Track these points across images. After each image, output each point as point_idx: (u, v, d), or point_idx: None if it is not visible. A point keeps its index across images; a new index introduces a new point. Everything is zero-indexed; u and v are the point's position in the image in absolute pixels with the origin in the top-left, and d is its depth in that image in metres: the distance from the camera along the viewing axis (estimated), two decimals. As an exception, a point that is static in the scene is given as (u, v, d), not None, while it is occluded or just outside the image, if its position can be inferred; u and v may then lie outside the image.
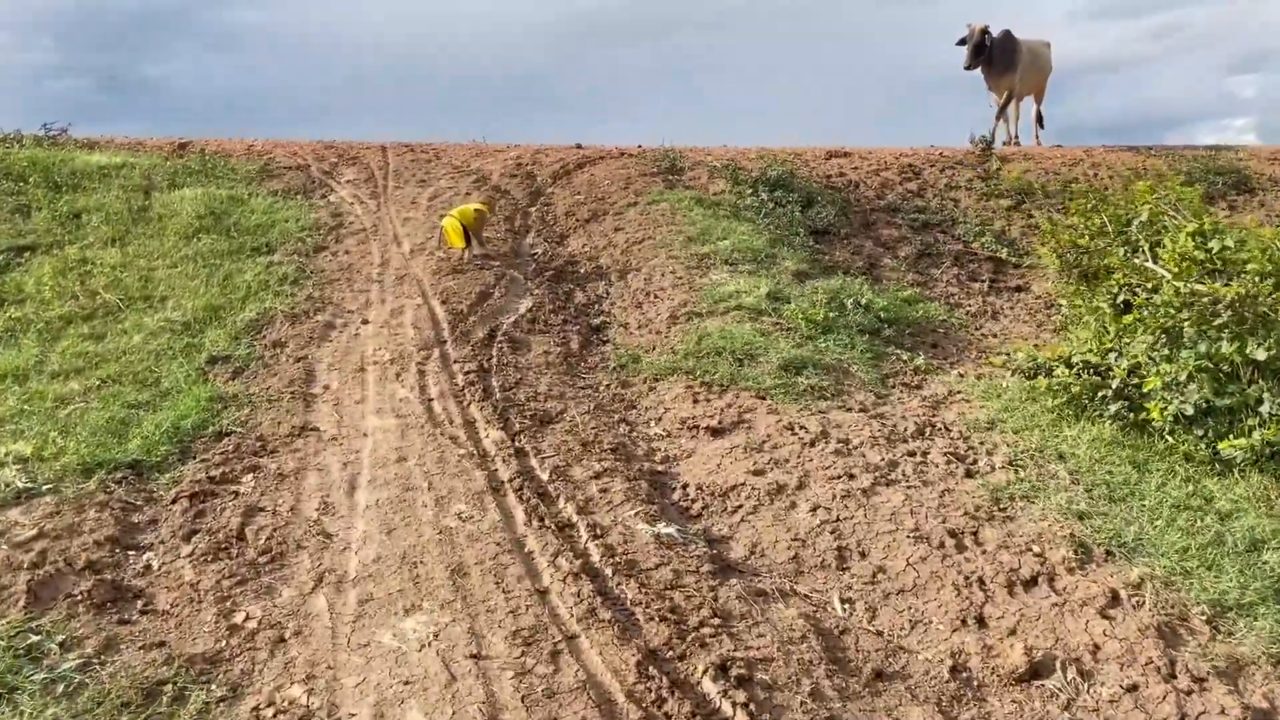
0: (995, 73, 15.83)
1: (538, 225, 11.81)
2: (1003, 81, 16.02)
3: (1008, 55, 15.70)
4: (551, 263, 10.60)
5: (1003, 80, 15.98)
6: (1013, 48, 15.73)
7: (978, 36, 15.45)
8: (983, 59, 15.57)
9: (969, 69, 15.59)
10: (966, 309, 10.94)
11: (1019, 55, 15.84)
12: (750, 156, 14.73)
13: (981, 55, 15.53)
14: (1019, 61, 15.83)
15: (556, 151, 15.08)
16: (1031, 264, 12.21)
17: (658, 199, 12.34)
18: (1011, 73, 15.85)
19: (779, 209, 12.37)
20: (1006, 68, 15.77)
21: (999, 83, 16.04)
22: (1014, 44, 15.75)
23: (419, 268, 10.01)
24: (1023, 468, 6.41)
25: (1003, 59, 15.67)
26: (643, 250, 10.77)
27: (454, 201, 12.34)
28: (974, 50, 15.47)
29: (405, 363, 7.82)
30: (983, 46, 15.46)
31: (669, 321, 8.96)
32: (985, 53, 15.51)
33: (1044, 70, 16.75)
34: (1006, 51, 15.68)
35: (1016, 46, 15.79)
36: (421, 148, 15.05)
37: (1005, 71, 15.81)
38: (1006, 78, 15.92)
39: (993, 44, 15.50)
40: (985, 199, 13.60)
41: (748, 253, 10.50)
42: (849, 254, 11.72)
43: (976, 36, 15.44)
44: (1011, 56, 15.73)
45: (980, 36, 15.44)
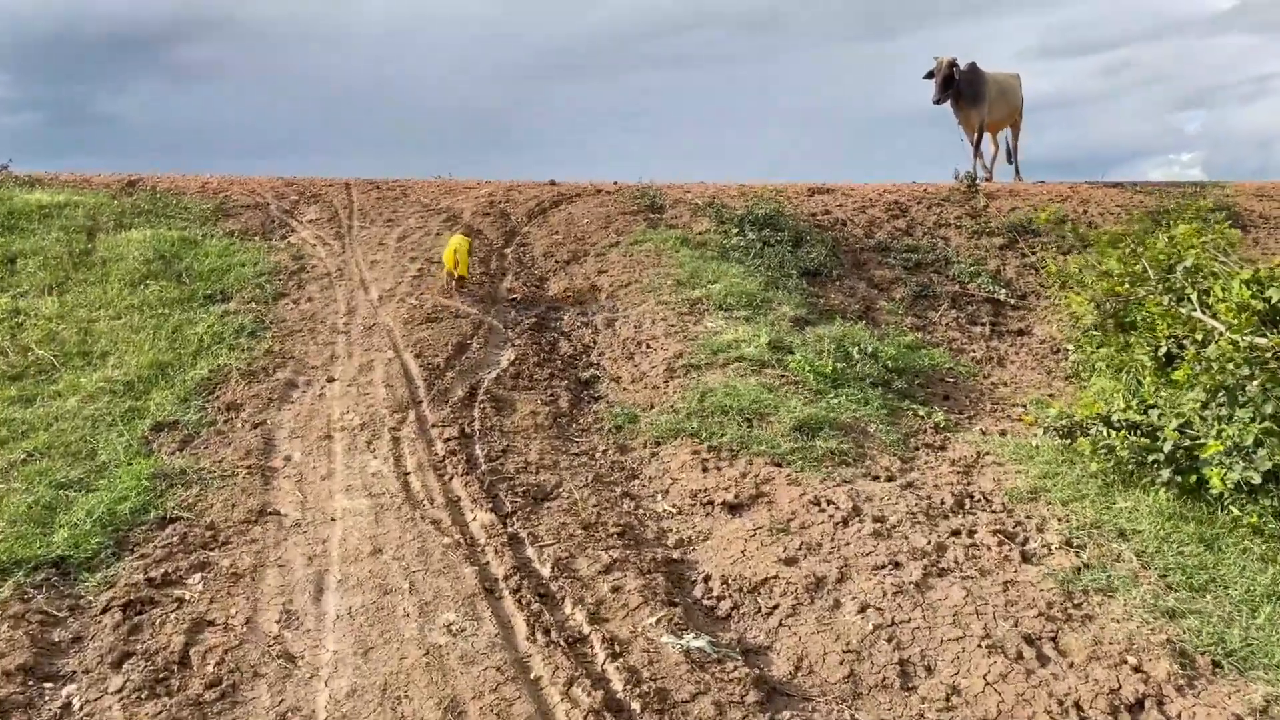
0: (964, 106, 15.22)
1: (515, 268, 10.90)
2: (972, 115, 15.39)
3: (975, 88, 15.12)
4: (532, 309, 9.69)
5: (972, 114, 15.36)
6: (980, 80, 15.15)
7: (945, 69, 14.83)
8: (951, 92, 14.95)
9: (938, 103, 14.95)
10: (971, 354, 10.19)
11: (986, 88, 15.26)
12: (731, 194, 13.96)
13: (950, 89, 14.91)
14: (986, 94, 15.24)
15: (530, 188, 14.20)
16: (1031, 306, 11.53)
17: (641, 239, 11.50)
18: (980, 106, 15.24)
19: (768, 249, 11.58)
20: (974, 101, 15.17)
21: (968, 116, 15.41)
22: (981, 76, 15.18)
23: (389, 316, 9.05)
24: (1082, 548, 5.59)
25: (970, 92, 15.09)
26: (630, 295, 9.90)
27: (424, 241, 11.41)
28: (942, 84, 14.85)
29: (377, 428, 6.86)
30: (951, 79, 14.85)
31: (665, 375, 8.08)
32: (953, 86, 14.90)
33: (1014, 102, 16.15)
34: (974, 84, 15.11)
35: (983, 79, 15.21)
36: (388, 184, 14.10)
37: (974, 105, 15.20)
38: (975, 111, 15.30)
39: (960, 77, 14.91)
40: (976, 237, 12.92)
41: (741, 297, 9.67)
42: (844, 296, 10.95)
43: (944, 69, 14.83)
44: (979, 89, 15.14)
45: (948, 69, 14.83)
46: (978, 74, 15.22)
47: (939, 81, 14.86)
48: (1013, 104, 16.11)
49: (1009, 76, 16.17)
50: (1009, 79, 16.11)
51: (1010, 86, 16.04)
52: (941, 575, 5.17)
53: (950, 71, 14.86)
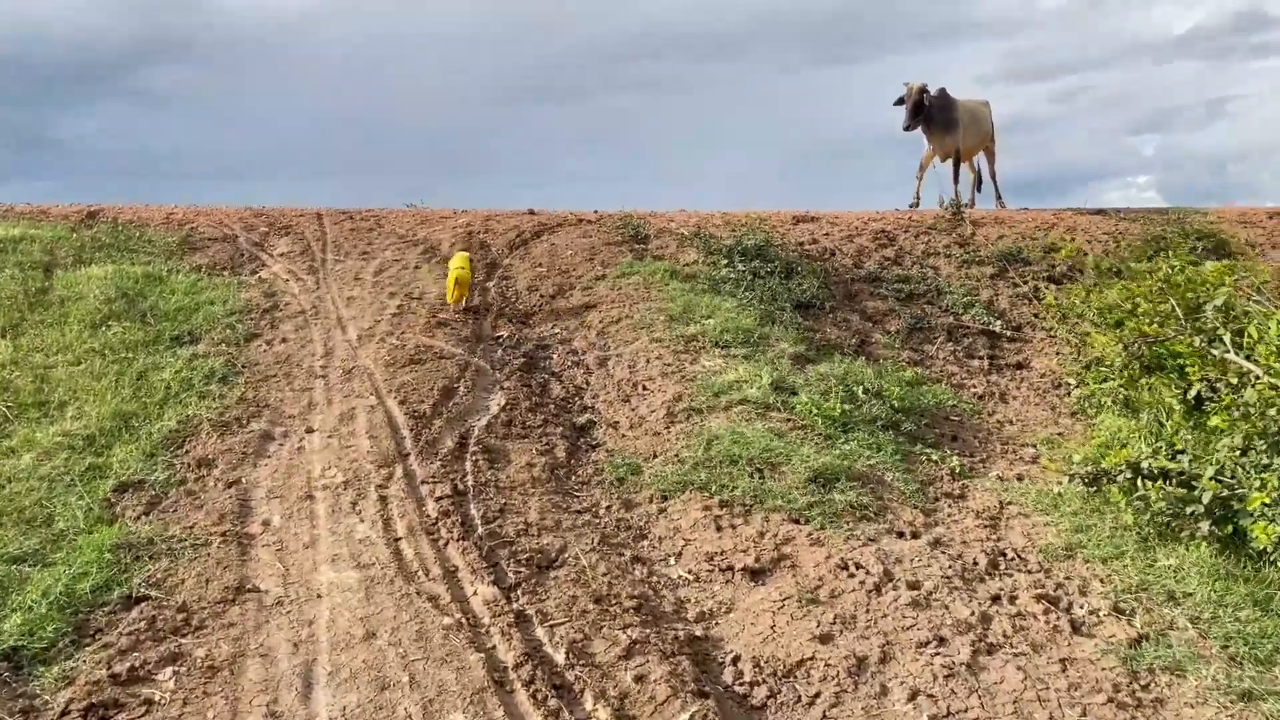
0: (936, 133, 14.83)
1: (498, 303, 10.37)
2: (946, 142, 14.99)
3: (946, 114, 14.77)
4: (519, 348, 9.16)
5: (946, 140, 14.96)
6: (951, 106, 14.81)
7: (916, 95, 14.44)
8: (922, 118, 14.56)
9: (909, 129, 14.55)
10: (972, 390, 9.80)
11: (958, 114, 14.93)
12: (716, 223, 13.54)
13: (920, 115, 14.51)
14: (959, 120, 14.91)
15: (508, 217, 13.68)
16: (1027, 338, 11.18)
17: (628, 271, 11.01)
18: (954, 132, 14.87)
19: (758, 280, 11.15)
20: (947, 127, 14.80)
21: (942, 143, 15.02)
22: (951, 103, 14.85)
23: (369, 358, 8.48)
24: (1132, 614, 5.15)
25: (942, 118, 14.72)
26: (621, 332, 9.40)
27: (402, 275, 10.86)
28: (913, 110, 14.44)
29: (362, 486, 6.29)
30: (921, 105, 14.45)
31: (666, 420, 7.58)
32: (924, 112, 14.51)
33: (985, 129, 15.82)
34: (945, 110, 14.75)
35: (954, 105, 14.88)
36: (361, 215, 13.51)
37: (947, 131, 14.82)
38: (950, 138, 14.92)
39: (931, 103, 14.53)
40: (966, 266, 12.58)
41: (738, 333, 9.21)
42: (839, 330, 10.53)
43: (915, 95, 14.44)
44: (950, 115, 14.80)
45: (918, 95, 14.44)
46: (948, 100, 14.88)
47: (910, 108, 14.45)
48: (983, 130, 15.78)
49: (978, 104, 15.86)
50: (979, 106, 15.80)
51: (980, 113, 15.74)
52: (991, 652, 4.70)
53: (920, 97, 14.47)
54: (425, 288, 10.43)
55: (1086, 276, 12.51)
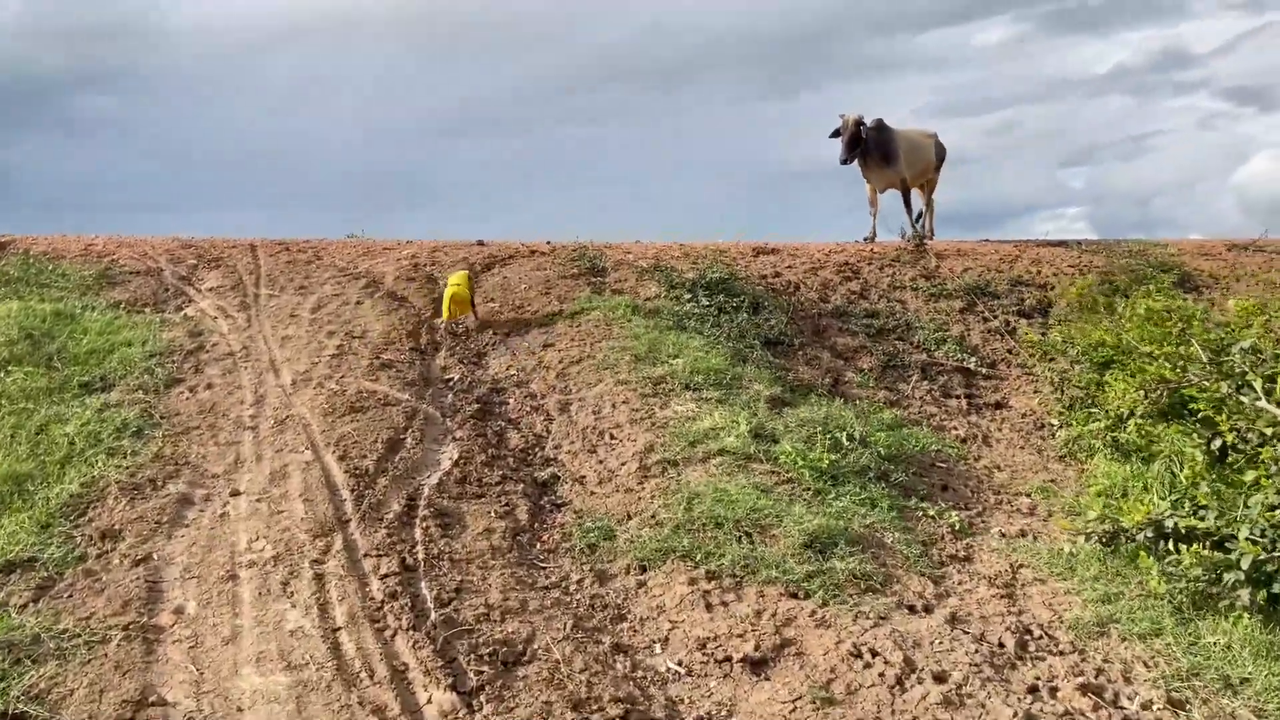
0: (874, 165, 14.01)
1: (448, 341, 9.48)
2: (886, 175, 14.15)
3: (885, 146, 13.93)
4: (472, 391, 8.29)
5: (886, 173, 14.13)
6: (890, 138, 13.99)
7: (852, 128, 13.62)
8: (858, 152, 13.75)
9: (845, 163, 13.75)
10: (953, 432, 9.15)
11: (897, 145, 14.08)
12: (675, 254, 12.80)
13: (858, 148, 13.70)
14: (898, 151, 14.04)
15: (457, 249, 12.80)
16: (1002, 375, 10.59)
17: (587, 307, 10.21)
18: (895, 164, 14.01)
19: (723, 316, 10.43)
20: (886, 159, 13.95)
21: (882, 176, 14.18)
22: (890, 134, 14.04)
23: (305, 406, 7.54)
24: (1188, 706, 4.45)
25: (879, 150, 13.88)
26: (583, 373, 8.57)
27: (342, 312, 9.92)
28: (850, 143, 13.61)
29: (296, 562, 5.36)
30: (858, 138, 13.66)
31: (639, 473, 6.76)
32: (861, 145, 13.72)
33: (927, 160, 14.96)
34: (883, 143, 13.92)
35: (893, 136, 14.07)
36: (299, 246, 12.53)
37: (886, 164, 13.98)
38: (891, 170, 14.08)
39: (869, 135, 13.73)
40: (934, 300, 12.00)
41: (709, 374, 8.44)
42: (811, 369, 9.83)
43: (851, 128, 13.61)
44: (889, 147, 13.95)
45: (855, 128, 13.62)
46: (886, 131, 14.06)
47: (846, 140, 13.62)
48: (925, 160, 14.93)
49: (921, 134, 15.06)
50: (921, 136, 14.98)
51: (922, 144, 14.88)
52: (1045, 765, 3.95)
53: (857, 130, 13.66)
54: (368, 325, 9.51)
55: (1057, 310, 12.07)
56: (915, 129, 15.06)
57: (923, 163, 14.87)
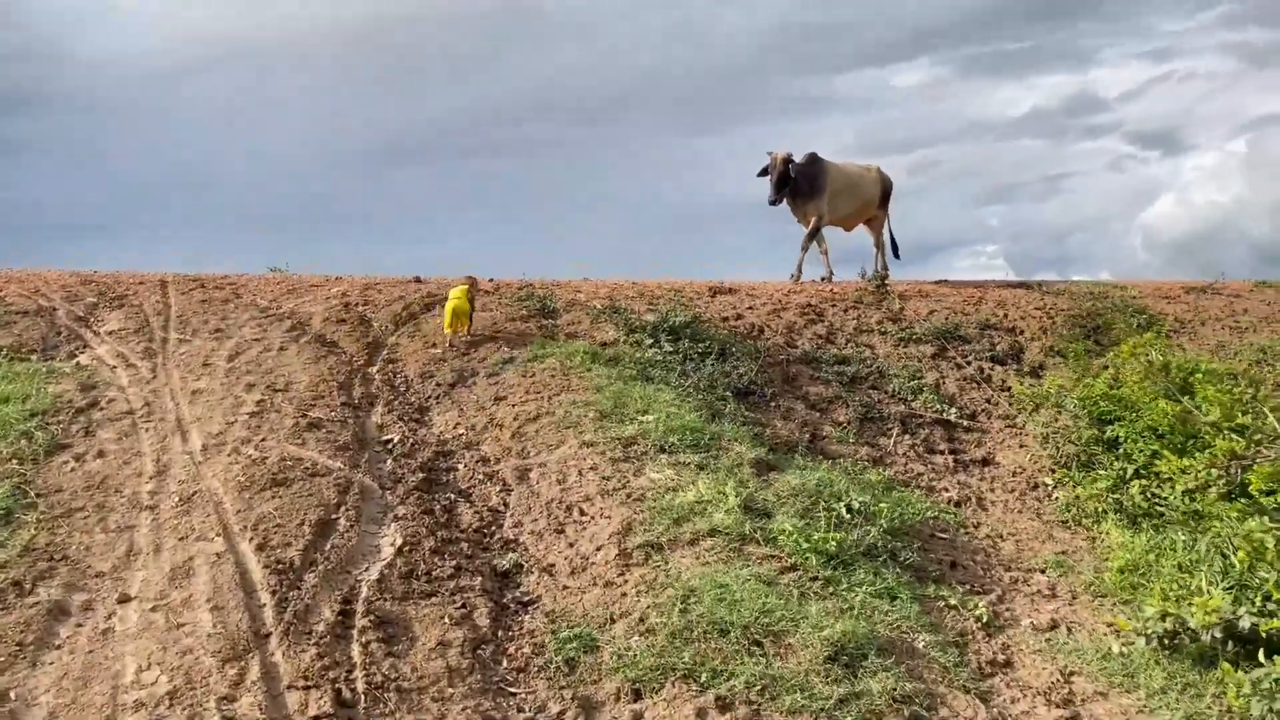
0: (800, 203, 12.98)
1: (385, 394, 8.27)
2: (809, 209, 13.00)
3: (813, 180, 12.88)
4: (415, 455, 7.10)
5: (809, 207, 12.99)
6: (819, 172, 12.91)
7: (780, 166, 12.57)
8: (787, 191, 12.72)
9: (775, 203, 12.74)
10: (944, 493, 8.25)
11: (827, 179, 12.99)
12: (628, 293, 11.78)
13: (786, 187, 12.68)
14: (827, 186, 12.96)
15: (391, 285, 11.59)
16: (985, 427, 9.76)
17: (540, 354, 9.09)
18: (819, 199, 12.90)
19: (689, 363, 9.42)
20: (812, 193, 12.87)
21: (804, 209, 13.04)
22: (821, 167, 12.95)
23: (218, 478, 6.27)
24: None
25: (807, 185, 12.85)
26: (543, 432, 7.45)
27: (264, 360, 8.64)
28: (778, 183, 12.61)
29: (198, 701, 4.11)
30: (787, 177, 12.63)
31: (619, 561, 5.65)
32: (790, 184, 12.68)
33: (865, 195, 13.65)
34: (812, 177, 12.88)
35: (824, 170, 12.97)
36: (215, 282, 11.17)
37: (811, 198, 12.89)
38: (813, 204, 12.95)
39: (798, 171, 12.72)
40: (903, 344, 11.17)
41: (684, 433, 7.37)
42: (787, 423, 8.87)
43: (779, 167, 12.57)
44: (817, 181, 12.89)
45: (783, 166, 12.59)
46: (818, 165, 12.94)
47: (774, 180, 12.59)
48: (867, 198, 13.66)
49: (863, 168, 13.87)
50: (861, 171, 13.78)
51: (865, 179, 13.72)
52: None
53: (785, 169, 12.60)
54: (293, 375, 8.25)
55: (1029, 356, 11.36)
56: (855, 163, 13.92)
57: (862, 199, 13.72)
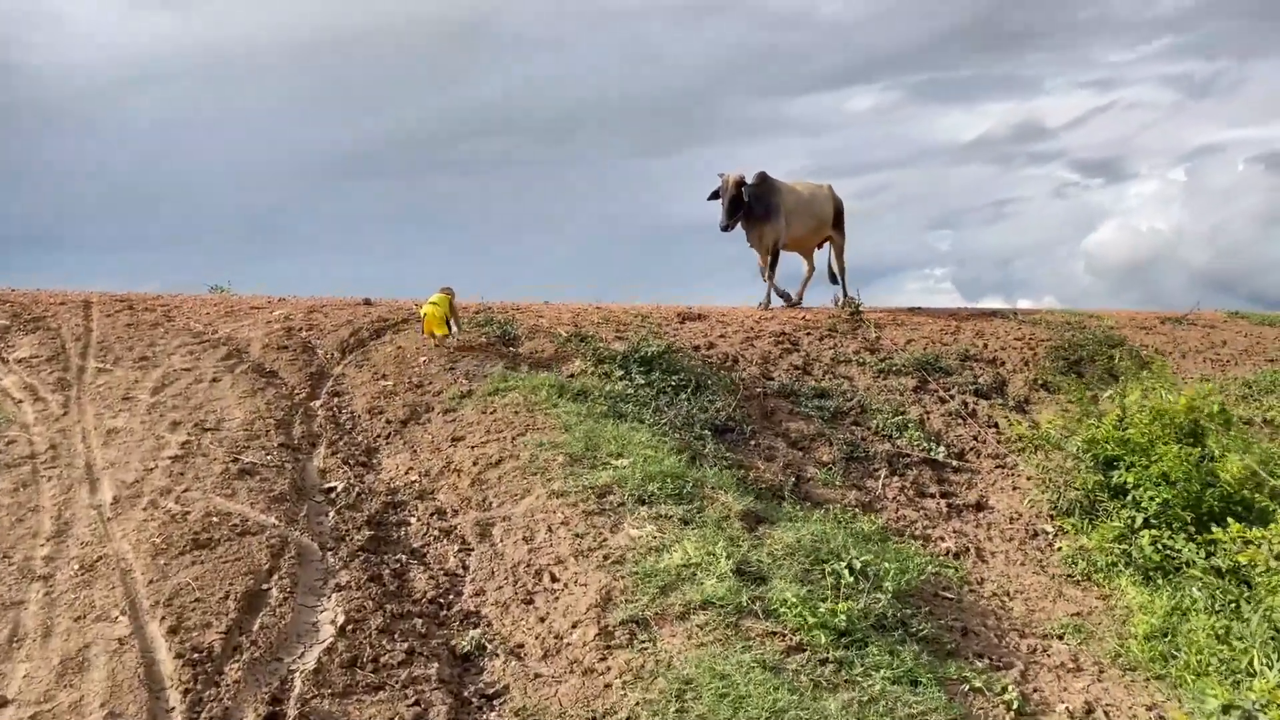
0: (755, 226, 12.09)
1: (330, 432, 7.36)
2: (765, 232, 12.13)
3: (765, 201, 12.03)
4: (362, 507, 6.20)
5: (765, 230, 12.12)
6: (772, 191, 12.11)
7: (732, 190, 11.67)
8: (740, 215, 11.80)
9: (727, 229, 11.78)
10: (940, 543, 7.56)
11: (780, 199, 12.16)
12: (593, 319, 10.98)
13: (739, 211, 11.76)
14: (781, 206, 12.12)
15: (338, 309, 10.65)
16: (974, 467, 9.10)
17: (502, 386, 8.23)
18: (774, 220, 12.04)
19: (662, 398, 8.64)
20: (766, 215, 12.03)
21: (760, 234, 12.16)
22: (773, 187, 12.15)
23: (128, 539, 5.32)
24: None
25: (760, 207, 11.99)
26: (506, 479, 6.59)
27: (194, 393, 7.68)
28: (730, 207, 11.68)
29: None
30: (740, 201, 11.73)
31: (599, 642, 4.81)
32: (744, 207, 11.77)
33: (822, 216, 12.82)
34: (764, 197, 12.03)
35: (776, 189, 12.17)
36: (146, 303, 10.14)
37: (766, 220, 12.04)
38: (770, 227, 12.10)
39: (750, 193, 11.82)
40: (883, 376, 10.50)
41: (664, 481, 6.55)
42: (768, 463, 8.12)
43: (731, 190, 11.66)
44: (770, 201, 12.04)
45: (735, 190, 11.68)
46: (769, 185, 12.12)
47: (726, 204, 11.68)
48: (821, 218, 12.82)
49: (815, 187, 12.97)
50: (815, 189, 12.90)
51: (817, 198, 12.81)
52: None
53: (738, 191, 11.69)
54: (226, 411, 7.30)
55: (1013, 389, 10.76)
56: (807, 181, 13.02)
57: (817, 220, 12.85)
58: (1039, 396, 10.54)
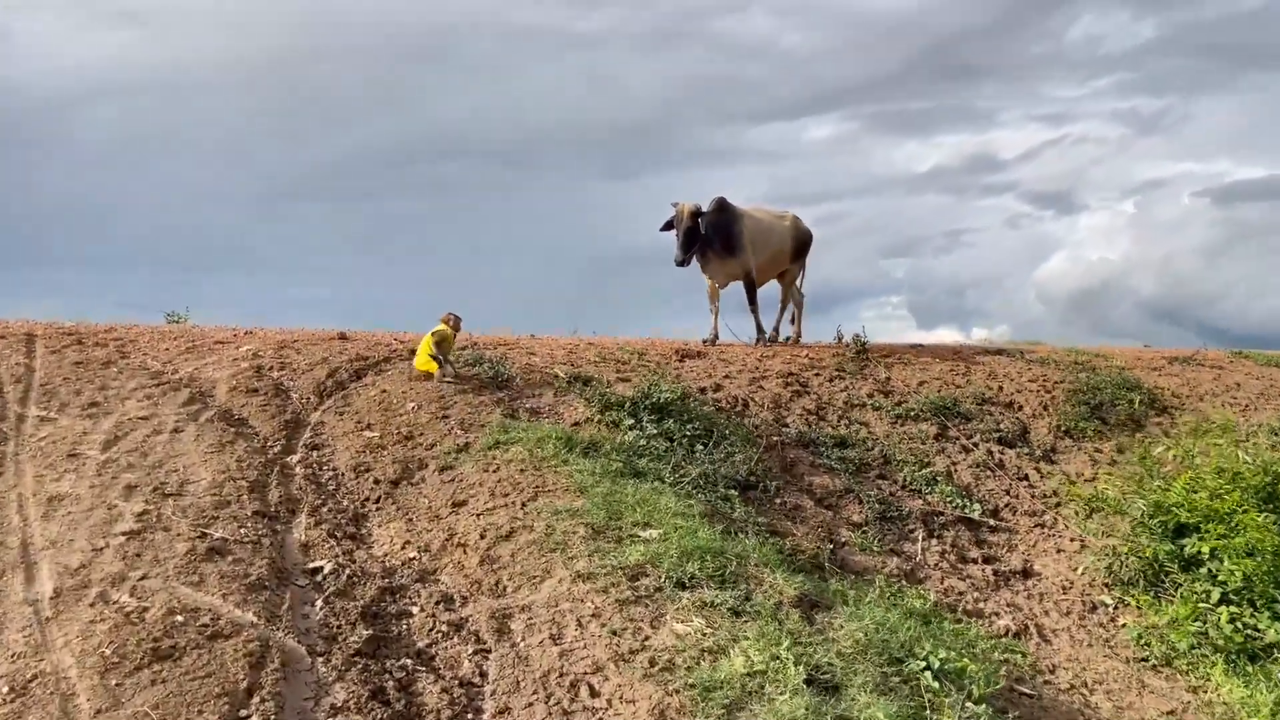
0: (714, 259, 10.93)
1: (310, 495, 6.32)
2: (729, 267, 10.99)
3: (724, 230, 10.88)
4: (354, 592, 5.18)
5: (731, 263, 10.98)
6: (731, 219, 10.94)
7: (688, 220, 10.61)
8: (696, 249, 10.74)
9: (683, 264, 10.71)
10: (997, 619, 6.73)
11: (741, 226, 10.99)
12: (589, 358, 10.04)
13: (695, 244, 10.70)
14: (743, 234, 10.96)
15: (313, 344, 9.59)
16: (1011, 526, 8.31)
17: (503, 439, 7.26)
18: (740, 254, 10.89)
19: (678, 449, 7.73)
20: (729, 248, 10.87)
21: (723, 269, 11.01)
22: (733, 214, 10.99)
23: (71, 647, 4.25)
24: None
25: (721, 236, 10.85)
26: (521, 556, 5.61)
27: (152, 447, 6.61)
28: (685, 239, 10.58)
29: None
30: (696, 232, 10.68)
31: (660, 785, 3.87)
32: (699, 240, 10.72)
33: (782, 246, 11.78)
34: (722, 226, 10.88)
35: (737, 218, 11.02)
36: (97, 337, 9.01)
37: (730, 253, 10.89)
38: (736, 261, 10.95)
39: (706, 223, 10.77)
40: (900, 422, 9.70)
41: (703, 558, 5.60)
42: (799, 525, 7.27)
43: (686, 220, 10.60)
44: (731, 230, 10.86)
45: (690, 220, 10.63)
46: (728, 212, 10.93)
47: (682, 237, 10.58)
48: (777, 247, 11.75)
49: (774, 216, 11.84)
50: (773, 219, 11.78)
51: (775, 227, 11.74)
52: None
53: (694, 222, 10.62)
54: (190, 471, 6.24)
55: (1035, 436, 10.01)
56: (768, 210, 11.95)
57: (773, 249, 11.65)
58: (1065, 445, 9.82)
